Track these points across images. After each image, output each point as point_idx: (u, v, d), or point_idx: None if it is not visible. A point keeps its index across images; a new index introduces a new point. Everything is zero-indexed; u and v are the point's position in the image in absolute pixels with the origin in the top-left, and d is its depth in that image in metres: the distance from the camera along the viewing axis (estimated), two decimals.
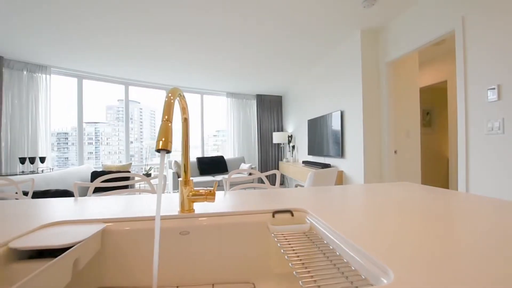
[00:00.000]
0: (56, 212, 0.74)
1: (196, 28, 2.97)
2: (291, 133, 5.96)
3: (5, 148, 3.59)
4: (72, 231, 0.58)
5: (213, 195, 0.69)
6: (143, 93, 5.37)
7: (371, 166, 3.00)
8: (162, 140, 0.50)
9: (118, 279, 0.64)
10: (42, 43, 3.26)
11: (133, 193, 2.82)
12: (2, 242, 0.50)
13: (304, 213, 0.72)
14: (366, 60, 3.00)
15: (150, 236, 0.65)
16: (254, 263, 0.69)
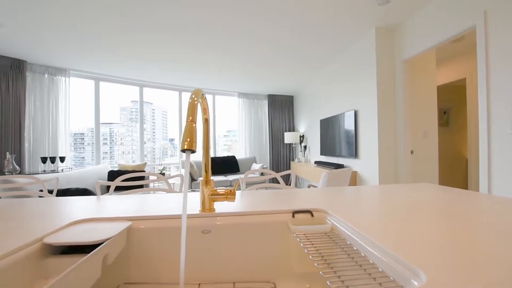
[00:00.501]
0: (83, 209, 0.77)
1: (208, 29, 3.00)
2: (303, 133, 5.92)
3: (28, 148, 3.75)
4: (100, 228, 0.60)
5: (233, 195, 0.70)
6: (155, 94, 5.47)
7: (386, 167, 2.94)
8: (187, 141, 0.51)
9: (142, 275, 0.66)
10: (62, 47, 3.38)
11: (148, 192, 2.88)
12: (37, 237, 0.52)
13: (324, 214, 0.71)
14: (381, 58, 2.95)
15: (173, 234, 0.67)
16: (274, 262, 0.69)
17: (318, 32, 3.06)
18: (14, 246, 0.47)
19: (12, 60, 3.56)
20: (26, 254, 0.48)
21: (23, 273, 0.47)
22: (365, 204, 0.78)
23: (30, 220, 0.66)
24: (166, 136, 5.93)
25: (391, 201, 0.79)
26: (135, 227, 0.66)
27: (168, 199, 0.90)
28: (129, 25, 2.84)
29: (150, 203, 0.85)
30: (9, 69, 3.55)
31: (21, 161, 3.62)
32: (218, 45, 3.46)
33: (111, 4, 2.44)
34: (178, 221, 0.68)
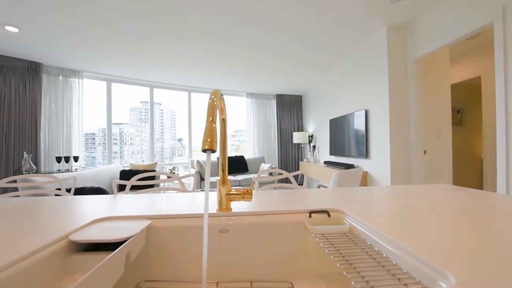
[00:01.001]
0: (103, 208, 0.79)
1: (216, 30, 3.02)
2: (311, 133, 5.88)
3: (44, 148, 3.86)
4: (122, 226, 0.62)
5: (250, 194, 0.70)
6: (163, 95, 5.52)
7: (398, 167, 2.89)
8: (208, 141, 0.52)
9: (161, 273, 0.67)
10: (76, 50, 3.47)
11: (160, 191, 2.93)
12: (63, 235, 0.54)
13: (342, 214, 0.71)
14: (392, 57, 2.90)
15: (191, 232, 0.68)
16: (291, 262, 0.69)
17: (328, 31, 3.03)
18: (43, 242, 0.49)
19: (28, 63, 3.67)
20: (53, 250, 0.50)
21: (51, 269, 0.49)
22: (382, 204, 0.77)
23: (53, 218, 0.68)
24: (175, 136, 6.00)
25: (409, 202, 0.78)
26: (154, 226, 0.67)
27: (185, 198, 0.91)
28: (140, 27, 2.88)
29: (167, 202, 0.86)
30: (26, 72, 3.66)
31: (37, 160, 3.73)
32: (226, 45, 3.48)
33: (123, 8, 2.48)
34: (196, 220, 0.69)
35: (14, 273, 0.40)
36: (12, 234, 0.54)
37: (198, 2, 2.44)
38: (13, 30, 2.81)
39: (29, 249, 0.45)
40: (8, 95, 3.54)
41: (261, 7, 2.53)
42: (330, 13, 2.65)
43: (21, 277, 0.41)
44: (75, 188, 2.38)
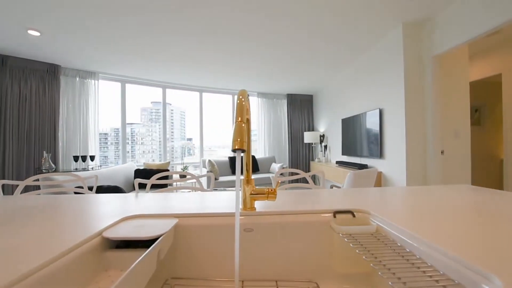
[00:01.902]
0: (129, 206, 0.81)
1: (228, 30, 3.03)
2: (323, 133, 5.83)
3: (62, 147, 3.99)
4: (151, 224, 0.63)
5: (274, 194, 0.70)
6: (173, 95, 5.58)
7: (414, 168, 2.83)
8: (238, 140, 0.52)
9: (188, 270, 0.68)
10: (92, 52, 3.56)
11: (179, 190, 2.96)
12: (97, 231, 0.56)
13: (367, 214, 0.70)
14: (408, 54, 2.83)
15: (217, 231, 0.69)
16: (316, 262, 0.69)
17: (341, 29, 2.99)
18: (79, 239, 0.51)
19: (48, 65, 3.80)
20: (90, 247, 0.51)
21: (88, 265, 0.50)
22: (407, 205, 0.75)
23: (84, 215, 0.70)
24: (184, 136, 6.06)
25: (434, 202, 0.76)
26: (181, 224, 0.68)
27: (208, 197, 0.93)
28: (154, 29, 2.93)
29: (191, 201, 0.88)
30: (45, 74, 3.79)
31: (56, 159, 3.86)
32: (238, 46, 3.49)
33: (139, 12, 2.53)
34: (221, 219, 0.70)
35: (57, 268, 0.42)
36: (50, 230, 0.57)
37: (213, 3, 2.46)
38: (35, 34, 2.91)
39: (69, 245, 0.47)
40: (29, 96, 3.67)
41: (273, 4, 2.52)
42: (343, 11, 2.62)
43: (63, 272, 0.43)
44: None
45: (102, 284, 0.50)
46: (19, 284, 0.35)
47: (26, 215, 0.70)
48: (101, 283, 0.51)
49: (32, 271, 0.38)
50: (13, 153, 3.56)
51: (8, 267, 0.38)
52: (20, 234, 0.53)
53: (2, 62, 3.46)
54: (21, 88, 3.62)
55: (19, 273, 0.36)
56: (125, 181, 3.68)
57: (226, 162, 5.40)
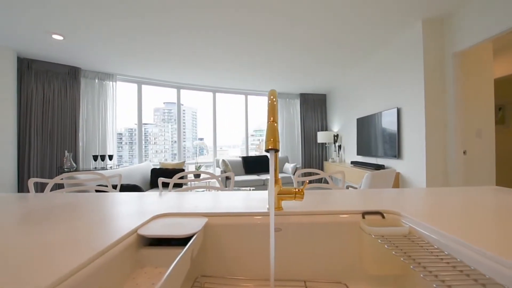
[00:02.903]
0: (157, 204, 0.83)
1: (241, 30, 3.04)
2: (336, 132, 5.75)
3: (82, 147, 4.13)
4: (182, 223, 0.64)
5: (302, 194, 0.70)
6: (185, 95, 5.62)
7: (434, 168, 2.74)
8: (271, 140, 0.53)
9: (217, 269, 0.69)
10: (110, 55, 3.67)
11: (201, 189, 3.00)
12: (133, 229, 0.57)
13: (397, 216, 0.69)
14: (428, 51, 2.75)
15: (245, 230, 0.69)
16: (345, 263, 0.68)
17: (357, 26, 2.94)
18: (117, 236, 0.52)
19: (69, 68, 3.94)
20: (127, 244, 0.53)
21: (125, 262, 0.52)
22: (439, 206, 0.73)
23: (117, 213, 0.72)
24: (196, 136, 6.12)
25: (464, 203, 0.74)
26: (210, 223, 0.69)
27: (233, 197, 0.93)
28: (169, 31, 2.98)
29: (216, 199, 0.89)
30: (67, 76, 3.93)
31: (76, 158, 4.00)
32: (251, 45, 3.49)
33: (154, 15, 2.59)
34: (250, 219, 0.70)
35: (100, 264, 0.43)
36: (88, 227, 0.59)
37: (228, 5, 2.48)
38: (58, 38, 3.03)
39: (109, 242, 0.49)
40: (52, 98, 3.82)
41: (286, 1, 2.50)
42: (360, 9, 2.57)
43: (105, 268, 0.44)
44: (114, 185, 2.51)
45: (139, 280, 0.52)
46: (67, 281, 0.36)
47: (61, 212, 0.73)
48: (138, 279, 0.52)
49: (80, 267, 0.39)
50: (37, 152, 3.71)
51: (57, 262, 0.40)
52: (61, 231, 0.56)
53: (28, 66, 3.62)
54: (45, 90, 3.77)
55: (68, 269, 0.37)
56: (142, 180, 3.77)
57: (240, 162, 5.42)
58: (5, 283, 0.34)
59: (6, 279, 0.34)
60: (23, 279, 0.34)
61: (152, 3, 2.43)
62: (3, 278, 0.35)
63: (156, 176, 3.91)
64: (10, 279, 0.34)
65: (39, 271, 0.36)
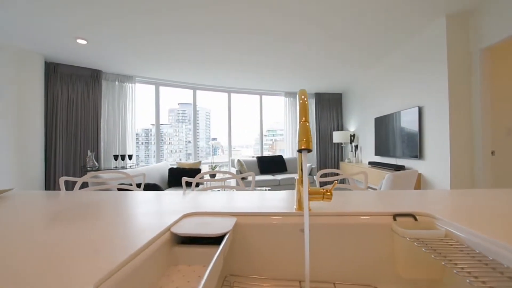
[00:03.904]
0: (183, 203, 0.84)
1: (256, 30, 3.04)
2: (353, 132, 5.64)
3: (103, 147, 4.28)
4: (212, 222, 0.65)
5: (330, 195, 0.69)
6: (199, 96, 5.68)
7: (459, 169, 2.63)
8: (304, 141, 0.52)
9: (245, 268, 0.69)
10: (130, 57, 3.78)
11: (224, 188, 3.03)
12: (166, 227, 0.59)
13: (431, 218, 0.66)
14: (453, 48, 2.64)
15: (274, 230, 0.69)
16: (376, 265, 0.67)
17: (377, 23, 2.86)
18: (152, 234, 0.53)
19: (91, 71, 4.10)
20: (162, 242, 0.54)
21: (161, 259, 0.53)
22: (475, 209, 0.70)
23: (147, 211, 0.74)
24: (209, 136, 6.18)
25: (502, 206, 0.70)
26: (238, 223, 0.69)
27: (258, 197, 0.94)
28: (188, 35, 3.03)
29: (240, 199, 0.89)
30: (89, 79, 4.09)
31: (98, 158, 4.15)
32: (265, 45, 3.49)
33: (170, 23, 2.64)
34: (277, 219, 0.70)
35: (140, 262, 0.45)
36: (123, 224, 0.61)
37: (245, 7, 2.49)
38: (82, 42, 3.17)
39: (146, 239, 0.50)
40: (75, 100, 3.99)
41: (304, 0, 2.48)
42: (378, 4, 2.50)
43: (143, 265, 0.46)
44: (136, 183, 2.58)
45: (174, 278, 0.53)
46: (113, 276, 0.38)
47: (96, 209, 0.76)
48: (173, 277, 0.53)
49: (123, 264, 0.40)
50: (62, 151, 3.89)
51: (102, 259, 0.42)
52: (100, 227, 0.58)
53: (54, 70, 3.80)
54: (69, 92, 3.95)
55: (113, 265, 0.39)
56: (160, 179, 3.86)
57: (254, 162, 5.43)
58: (55, 279, 0.35)
59: (55, 275, 0.36)
60: (72, 275, 0.36)
61: (171, 3, 2.47)
62: (54, 274, 0.36)
63: (174, 175, 3.99)
64: (60, 275, 0.36)
65: (87, 267, 0.38)
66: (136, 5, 2.45)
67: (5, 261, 0.40)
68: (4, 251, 0.44)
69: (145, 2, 2.42)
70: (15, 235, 0.53)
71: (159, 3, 2.43)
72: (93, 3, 2.40)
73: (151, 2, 2.42)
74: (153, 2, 2.41)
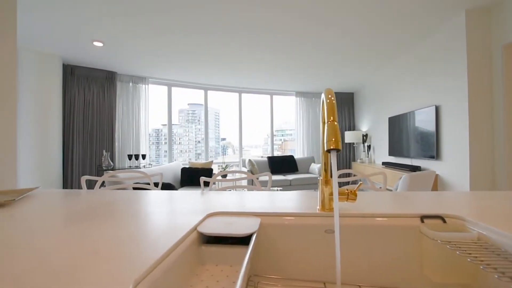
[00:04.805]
0: (204, 203, 0.85)
1: (266, 29, 3.04)
2: (365, 132, 5.55)
3: (118, 147, 4.38)
4: (237, 222, 0.65)
5: (355, 195, 0.68)
6: (209, 96, 5.71)
7: (479, 170, 2.54)
8: (333, 140, 0.52)
9: (269, 269, 0.69)
10: (143, 59, 3.85)
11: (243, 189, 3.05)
12: (193, 226, 0.59)
13: (461, 221, 0.64)
14: (472, 45, 2.55)
15: (297, 231, 0.69)
16: (403, 269, 0.65)
17: (392, 21, 2.81)
18: (180, 232, 0.54)
19: (107, 73, 4.21)
20: (190, 241, 0.55)
21: (189, 258, 0.53)
22: (508, 211, 0.67)
23: (171, 210, 0.75)
24: (218, 136, 6.20)
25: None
26: (262, 223, 0.69)
27: (277, 197, 0.93)
28: (200, 36, 3.06)
29: (260, 199, 0.89)
30: (104, 80, 4.20)
31: (113, 157, 4.25)
32: (278, 45, 3.48)
33: (181, 25, 2.67)
34: (300, 219, 0.69)
35: (172, 260, 0.45)
36: (151, 223, 0.62)
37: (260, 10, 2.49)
38: (98, 45, 3.25)
39: (176, 238, 0.50)
40: (91, 101, 4.10)
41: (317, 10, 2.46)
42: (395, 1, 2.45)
43: (176, 264, 0.46)
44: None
45: (202, 277, 0.53)
46: (148, 276, 0.38)
47: (121, 208, 0.77)
48: (202, 276, 0.54)
49: (156, 264, 0.41)
50: (79, 151, 4.00)
51: (135, 259, 0.42)
52: (129, 226, 0.59)
53: (71, 72, 3.92)
54: (85, 93, 4.06)
55: (146, 266, 0.39)
56: (173, 178, 3.91)
57: (265, 162, 5.42)
58: (95, 276, 0.36)
59: (95, 272, 0.37)
60: (112, 273, 0.36)
61: (184, 2, 2.50)
62: (93, 271, 0.37)
63: (187, 175, 4.03)
64: (99, 273, 0.37)
65: (124, 266, 0.39)
66: (150, 5, 2.49)
67: (45, 259, 0.41)
68: (43, 248, 0.46)
69: (159, 3, 2.45)
70: (52, 231, 0.55)
71: (173, 3, 2.46)
72: (110, 6, 2.46)
73: (165, 3, 2.45)
74: (167, 2, 2.45)
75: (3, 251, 0.44)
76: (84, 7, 2.45)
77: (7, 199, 0.86)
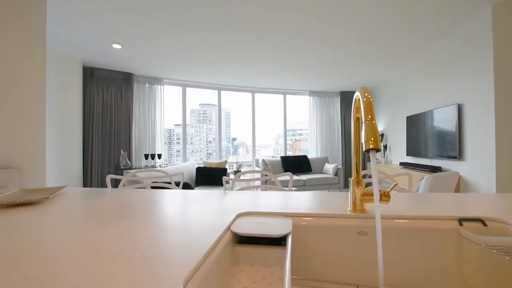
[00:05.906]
0: (230, 202, 0.85)
1: (279, 29, 3.01)
2: (381, 132, 5.42)
3: (135, 146, 4.48)
4: (268, 222, 0.65)
5: (388, 197, 0.66)
6: (221, 96, 5.76)
7: (506, 172, 2.42)
8: (372, 140, 0.50)
9: (299, 270, 0.68)
10: (159, 61, 3.92)
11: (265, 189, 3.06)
12: (226, 226, 0.59)
13: (504, 224, 0.61)
14: (500, 40, 2.44)
15: (327, 232, 0.67)
16: (440, 272, 0.63)
17: (413, 17, 2.71)
18: (215, 232, 0.54)
19: (124, 74, 4.31)
20: (225, 241, 0.55)
21: (226, 258, 0.53)
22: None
23: (200, 210, 0.75)
24: (229, 136, 6.22)
25: None
26: (293, 223, 0.69)
27: (302, 197, 0.92)
28: (214, 37, 3.09)
29: (286, 199, 0.88)
30: (122, 82, 4.31)
31: (130, 157, 4.35)
32: (291, 45, 3.45)
33: (195, 27, 2.70)
34: (331, 220, 0.68)
35: (213, 260, 0.45)
36: (184, 223, 0.62)
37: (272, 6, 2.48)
38: (117, 47, 3.34)
39: (213, 238, 0.50)
40: (110, 102, 4.21)
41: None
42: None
43: (216, 264, 0.46)
44: (167, 182, 2.67)
45: (239, 277, 0.53)
46: (194, 277, 0.38)
47: (152, 207, 0.79)
48: (238, 276, 0.54)
49: (198, 265, 0.40)
50: (98, 150, 4.12)
51: (180, 260, 0.43)
52: (166, 227, 0.60)
53: (90, 74, 4.04)
54: (104, 95, 4.18)
55: (189, 268, 0.39)
56: (189, 178, 3.97)
57: (278, 162, 5.39)
58: (147, 275, 0.36)
59: (145, 272, 0.37)
60: (162, 272, 0.37)
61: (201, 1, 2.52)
62: (143, 270, 0.38)
63: (202, 174, 4.08)
64: (149, 272, 0.37)
65: (171, 267, 0.39)
66: (168, 7, 2.53)
67: (92, 257, 0.42)
68: (85, 246, 0.47)
69: (178, 4, 2.49)
70: (91, 229, 0.56)
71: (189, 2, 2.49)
72: (128, 9, 2.51)
73: (182, 4, 2.49)
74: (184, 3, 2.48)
75: (49, 246, 0.46)
76: (104, 10, 2.52)
77: (41, 197, 0.89)
